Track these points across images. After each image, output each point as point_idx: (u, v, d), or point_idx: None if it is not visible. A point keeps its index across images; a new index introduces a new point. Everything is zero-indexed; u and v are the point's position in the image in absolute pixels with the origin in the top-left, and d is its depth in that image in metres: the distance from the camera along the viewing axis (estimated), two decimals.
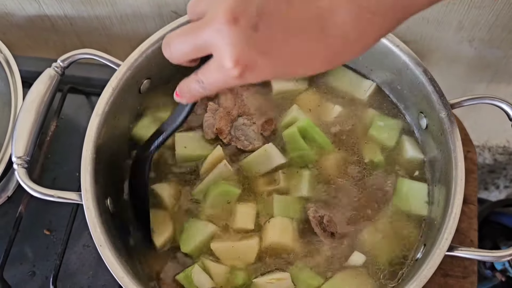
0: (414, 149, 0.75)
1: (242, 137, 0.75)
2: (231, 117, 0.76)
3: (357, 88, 0.80)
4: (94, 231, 0.61)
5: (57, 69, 0.71)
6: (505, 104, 0.66)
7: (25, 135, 0.66)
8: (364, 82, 0.80)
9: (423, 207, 0.71)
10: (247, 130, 0.75)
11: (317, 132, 0.74)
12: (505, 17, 0.89)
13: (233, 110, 0.76)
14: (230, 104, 0.76)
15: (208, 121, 0.75)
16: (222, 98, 0.77)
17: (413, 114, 0.77)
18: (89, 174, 0.64)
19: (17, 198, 0.82)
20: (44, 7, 0.97)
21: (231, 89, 0.78)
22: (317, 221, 0.68)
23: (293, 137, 0.73)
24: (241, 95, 0.78)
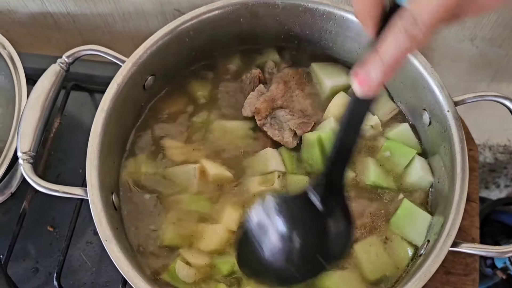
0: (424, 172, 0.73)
1: (276, 126, 0.76)
2: (274, 105, 0.77)
3: (381, 107, 0.79)
4: (99, 225, 0.61)
5: (62, 65, 0.71)
6: (509, 101, 0.66)
7: (30, 131, 0.66)
8: (389, 104, 0.80)
9: (419, 238, 0.68)
10: (283, 122, 0.76)
11: None
12: (507, 15, 0.89)
13: (279, 100, 0.77)
14: (279, 93, 0.77)
15: (251, 99, 0.77)
16: (273, 86, 0.78)
17: (416, 111, 0.77)
18: (95, 169, 0.64)
19: (20, 195, 0.81)
20: (47, 4, 0.97)
21: (286, 80, 0.79)
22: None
23: (310, 142, 0.73)
24: (293, 91, 0.79)
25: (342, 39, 0.79)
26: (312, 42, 0.82)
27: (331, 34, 0.78)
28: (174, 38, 0.73)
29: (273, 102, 0.76)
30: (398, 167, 0.74)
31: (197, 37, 0.76)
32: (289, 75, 0.80)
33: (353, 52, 0.80)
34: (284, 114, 0.76)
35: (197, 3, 0.92)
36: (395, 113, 0.79)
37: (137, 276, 0.58)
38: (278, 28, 0.80)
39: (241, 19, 0.76)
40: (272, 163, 0.74)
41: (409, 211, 0.69)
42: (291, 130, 0.75)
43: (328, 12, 0.74)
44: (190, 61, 0.80)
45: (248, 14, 0.75)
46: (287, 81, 0.79)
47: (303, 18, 0.77)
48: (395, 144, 0.75)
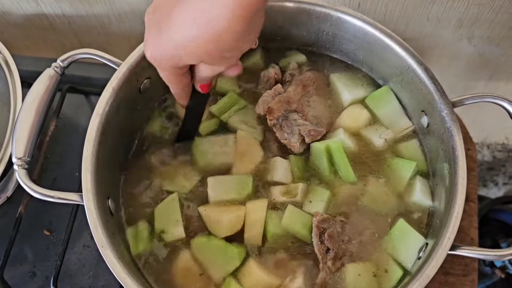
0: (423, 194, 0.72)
1: (286, 129, 0.74)
2: (288, 107, 0.75)
3: (396, 123, 0.78)
4: (95, 231, 0.61)
5: (57, 69, 0.71)
6: (507, 102, 0.66)
7: (25, 136, 0.66)
8: (405, 121, 0.78)
9: (410, 260, 0.67)
10: (294, 126, 0.74)
11: (344, 160, 0.72)
12: (505, 14, 0.89)
13: (294, 103, 0.76)
14: (296, 96, 0.76)
15: (266, 97, 0.76)
16: (292, 87, 0.77)
17: (414, 112, 0.76)
18: (90, 174, 0.63)
19: (17, 199, 0.81)
20: (42, 6, 0.96)
21: (305, 84, 0.78)
22: (319, 231, 0.67)
23: (319, 152, 0.73)
24: (311, 96, 0.78)
25: (339, 40, 0.78)
26: (309, 44, 0.81)
27: (328, 35, 0.78)
28: None
29: (288, 104, 0.75)
30: (400, 184, 0.73)
31: None
32: (310, 79, 0.79)
33: (350, 53, 0.80)
34: (297, 118, 0.75)
35: None
36: (409, 131, 0.78)
37: (134, 283, 0.58)
38: (275, 30, 0.79)
39: None
40: (278, 172, 0.73)
41: (402, 231, 0.68)
42: (300, 135, 0.74)
43: (325, 14, 0.74)
44: None
45: None
46: (306, 85, 0.78)
47: (299, 19, 0.76)
48: (398, 160, 0.74)
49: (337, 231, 0.68)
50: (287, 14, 0.76)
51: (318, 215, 0.68)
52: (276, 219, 0.70)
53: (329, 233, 0.67)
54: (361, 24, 0.72)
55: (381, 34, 0.71)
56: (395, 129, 0.77)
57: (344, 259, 0.68)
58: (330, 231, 0.67)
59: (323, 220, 0.68)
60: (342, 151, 0.72)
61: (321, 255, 0.66)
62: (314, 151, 0.74)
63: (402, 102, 0.79)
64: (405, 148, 0.76)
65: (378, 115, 0.78)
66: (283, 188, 0.72)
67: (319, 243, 0.66)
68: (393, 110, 0.78)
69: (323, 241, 0.66)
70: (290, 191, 0.72)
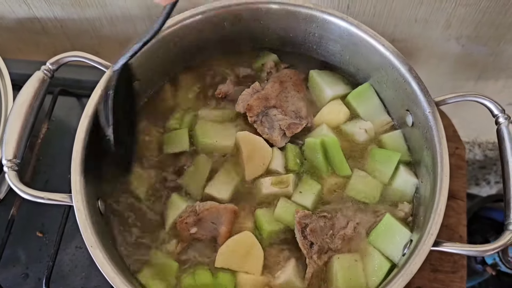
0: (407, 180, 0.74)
1: (266, 124, 0.76)
2: (267, 103, 0.77)
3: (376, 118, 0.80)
4: (85, 232, 0.61)
5: (46, 72, 0.71)
6: (488, 100, 0.67)
7: (15, 138, 0.66)
8: (384, 117, 0.80)
9: (397, 254, 0.67)
10: (274, 121, 0.76)
11: (339, 154, 0.74)
12: (492, 14, 0.90)
13: (273, 99, 0.77)
14: (273, 93, 0.78)
15: (245, 95, 0.78)
16: (269, 84, 0.79)
17: (399, 111, 0.77)
18: (79, 176, 0.64)
19: (9, 201, 0.82)
20: (34, 10, 0.97)
21: (282, 80, 0.79)
22: (301, 227, 0.68)
23: (313, 147, 0.74)
24: (289, 92, 0.79)
25: (325, 42, 0.79)
26: (296, 45, 0.82)
27: (315, 36, 0.79)
28: (158, 43, 0.74)
29: (266, 100, 0.77)
30: (384, 175, 0.74)
31: (182, 41, 0.77)
32: (287, 76, 0.80)
33: (336, 54, 0.81)
34: (277, 113, 0.77)
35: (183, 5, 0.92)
36: (389, 126, 0.80)
37: (122, 282, 0.59)
38: (262, 31, 0.80)
39: (225, 23, 0.77)
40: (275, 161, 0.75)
41: (389, 226, 0.69)
42: (281, 129, 0.76)
43: (311, 15, 0.75)
44: (175, 65, 0.81)
45: (232, 17, 0.76)
46: (283, 81, 0.79)
47: (286, 21, 0.77)
48: (381, 150, 0.76)
49: (320, 225, 0.69)
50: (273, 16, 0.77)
51: (299, 211, 0.69)
52: (268, 216, 0.71)
53: (311, 227, 0.68)
54: (346, 25, 0.73)
55: (366, 35, 0.72)
56: (376, 123, 0.79)
57: (330, 252, 0.69)
58: (312, 226, 0.68)
59: (305, 216, 0.69)
60: (337, 146, 0.74)
61: (305, 249, 0.67)
62: (308, 146, 0.75)
63: (387, 101, 0.80)
64: (388, 138, 0.78)
65: (359, 112, 0.79)
66: (274, 179, 0.73)
67: (302, 238, 0.68)
68: (373, 106, 0.80)
69: (306, 236, 0.67)
70: (283, 181, 0.73)
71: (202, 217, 0.70)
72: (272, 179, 0.73)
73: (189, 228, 0.70)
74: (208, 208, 0.70)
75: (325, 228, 0.69)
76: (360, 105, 0.80)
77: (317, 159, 0.74)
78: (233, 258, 0.68)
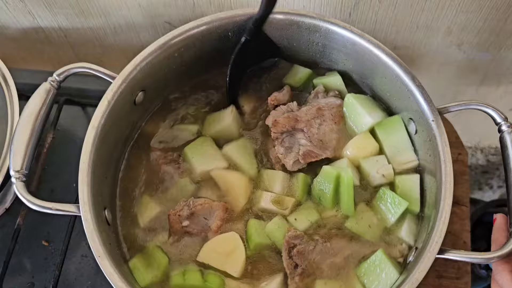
0: (408, 234, 0.71)
1: (286, 143, 0.75)
2: (296, 125, 0.75)
3: (399, 155, 0.75)
4: (92, 242, 0.62)
5: (53, 83, 0.72)
6: (491, 109, 0.68)
7: (22, 149, 0.67)
8: (409, 154, 0.75)
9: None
10: (295, 144, 0.74)
11: (350, 194, 0.71)
12: (493, 21, 0.90)
13: (303, 122, 0.75)
14: (306, 116, 0.76)
15: (278, 111, 0.77)
16: (306, 107, 0.77)
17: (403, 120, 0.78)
18: (87, 186, 0.65)
19: (15, 211, 0.83)
20: (38, 20, 0.98)
21: (320, 107, 0.77)
22: (289, 246, 0.67)
23: (328, 176, 0.72)
24: (325, 120, 0.77)
25: (328, 51, 0.80)
26: (300, 54, 0.83)
27: (318, 46, 0.79)
28: (163, 54, 0.74)
29: (295, 121, 0.75)
30: (388, 220, 0.72)
31: (186, 51, 0.77)
32: (329, 105, 0.78)
33: (339, 63, 0.81)
34: (302, 137, 0.75)
35: (187, 15, 0.94)
36: (410, 166, 0.75)
37: None
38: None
39: (229, 33, 0.77)
40: (277, 185, 0.74)
41: (379, 262, 0.68)
42: (297, 154, 0.74)
43: (314, 25, 0.75)
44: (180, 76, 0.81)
45: (236, 28, 0.76)
46: (321, 108, 0.77)
47: (290, 31, 0.78)
48: (391, 194, 0.72)
49: (309, 249, 0.68)
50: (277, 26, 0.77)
51: (291, 230, 0.68)
52: (260, 229, 0.71)
53: (299, 249, 0.67)
54: (350, 35, 0.74)
55: (369, 44, 0.73)
56: (397, 160, 0.75)
57: (313, 277, 0.68)
58: (300, 247, 0.67)
59: (295, 236, 0.68)
60: (351, 185, 0.70)
61: (289, 269, 0.67)
62: (323, 174, 0.72)
63: (391, 109, 0.80)
64: (404, 181, 0.74)
65: (384, 143, 0.76)
66: (276, 197, 0.73)
67: (288, 258, 0.67)
68: (400, 140, 0.76)
69: (291, 256, 0.67)
70: (282, 202, 0.73)
71: (195, 211, 0.71)
72: (274, 196, 0.73)
73: (181, 220, 0.71)
74: (202, 203, 0.71)
75: (313, 252, 0.68)
76: (386, 136, 0.76)
77: (326, 188, 0.72)
78: (215, 255, 0.69)
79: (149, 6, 0.92)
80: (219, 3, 0.89)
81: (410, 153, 0.75)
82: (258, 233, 0.71)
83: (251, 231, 0.71)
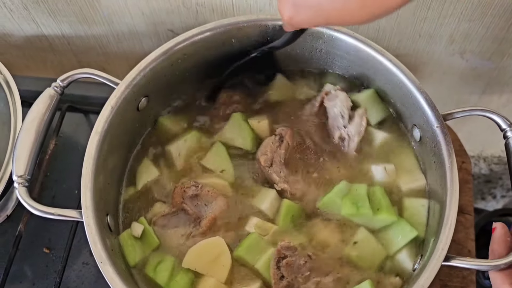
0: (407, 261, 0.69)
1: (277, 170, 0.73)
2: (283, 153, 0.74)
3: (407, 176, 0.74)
4: (94, 247, 0.61)
5: (56, 88, 0.72)
6: (496, 115, 0.67)
7: (25, 154, 0.67)
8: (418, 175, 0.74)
9: None
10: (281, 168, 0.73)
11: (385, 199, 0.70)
12: (495, 29, 0.91)
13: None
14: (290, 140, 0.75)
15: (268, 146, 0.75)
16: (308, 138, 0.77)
17: (407, 126, 0.78)
18: (90, 191, 0.64)
19: (16, 217, 0.82)
20: (42, 28, 0.98)
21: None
22: (279, 256, 0.66)
23: (331, 205, 0.71)
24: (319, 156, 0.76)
25: (332, 57, 0.80)
26: (303, 60, 0.83)
27: (322, 52, 0.80)
28: (167, 60, 0.75)
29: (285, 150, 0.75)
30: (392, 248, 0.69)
31: (190, 58, 0.77)
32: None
33: (343, 69, 0.81)
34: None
35: (190, 23, 0.94)
36: (419, 185, 0.74)
37: None
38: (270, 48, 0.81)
39: (233, 40, 0.78)
40: (264, 204, 0.73)
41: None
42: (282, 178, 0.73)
43: (318, 31, 0.75)
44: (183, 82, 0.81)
45: (239, 34, 0.77)
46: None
47: None
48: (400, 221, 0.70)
49: (299, 263, 0.66)
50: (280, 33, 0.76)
51: (285, 240, 0.67)
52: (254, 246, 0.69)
53: (288, 261, 0.65)
54: (353, 41, 0.74)
55: (373, 51, 0.73)
56: (406, 178, 0.74)
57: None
58: (290, 260, 0.65)
59: (288, 248, 0.66)
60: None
61: (274, 279, 0.65)
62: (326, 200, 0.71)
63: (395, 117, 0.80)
64: (410, 204, 0.72)
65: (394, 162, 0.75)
66: (260, 223, 0.71)
67: (275, 268, 0.65)
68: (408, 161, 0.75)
69: (279, 267, 0.65)
70: (265, 229, 0.71)
71: (200, 194, 0.71)
72: (258, 222, 0.71)
73: (184, 196, 0.71)
74: (209, 190, 0.72)
75: (303, 268, 0.66)
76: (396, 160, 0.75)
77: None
78: (201, 261, 0.68)
79: (152, 14, 0.92)
80: (222, 10, 0.90)
81: (419, 175, 0.74)
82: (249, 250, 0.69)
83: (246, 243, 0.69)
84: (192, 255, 0.69)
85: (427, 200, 0.72)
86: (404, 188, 0.73)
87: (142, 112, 0.77)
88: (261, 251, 0.68)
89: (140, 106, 0.76)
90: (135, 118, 0.77)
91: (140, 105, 0.76)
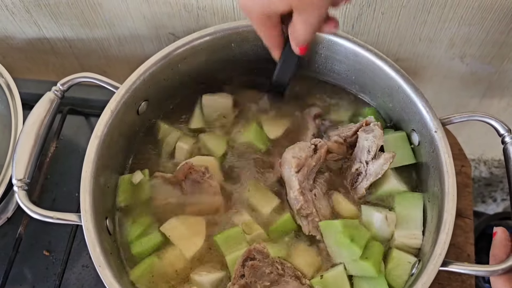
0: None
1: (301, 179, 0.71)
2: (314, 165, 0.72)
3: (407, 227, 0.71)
4: (93, 251, 0.62)
5: (57, 92, 0.73)
6: (494, 120, 0.67)
7: (25, 158, 0.67)
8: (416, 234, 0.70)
9: None
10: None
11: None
12: (495, 33, 0.91)
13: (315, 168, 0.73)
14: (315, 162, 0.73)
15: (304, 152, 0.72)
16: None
17: (406, 131, 0.78)
18: (89, 195, 0.65)
19: (16, 220, 0.83)
20: (44, 31, 0.99)
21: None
22: (248, 255, 0.64)
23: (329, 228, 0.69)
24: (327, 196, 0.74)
25: (331, 62, 0.80)
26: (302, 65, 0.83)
27: (321, 56, 0.80)
28: (167, 64, 0.75)
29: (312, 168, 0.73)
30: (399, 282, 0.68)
31: (190, 62, 0.78)
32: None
33: (342, 74, 0.82)
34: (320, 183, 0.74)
35: (191, 26, 0.94)
36: (414, 244, 0.70)
37: None
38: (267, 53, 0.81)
39: (232, 44, 0.78)
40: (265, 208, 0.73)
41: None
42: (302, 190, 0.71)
43: (317, 36, 0.76)
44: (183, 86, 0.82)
45: (239, 39, 0.77)
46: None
47: None
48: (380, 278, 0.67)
49: (263, 270, 0.64)
50: None
51: (261, 243, 0.66)
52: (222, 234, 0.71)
53: (254, 264, 0.64)
54: (352, 46, 0.74)
55: (372, 55, 0.73)
56: (404, 232, 0.71)
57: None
58: (256, 263, 0.64)
59: (260, 251, 0.65)
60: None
61: (234, 275, 0.64)
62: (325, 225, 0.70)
63: (393, 121, 0.80)
64: (398, 255, 0.68)
65: (397, 214, 0.73)
66: (250, 221, 0.71)
67: (240, 264, 0.64)
68: (414, 217, 0.72)
69: (244, 265, 0.64)
70: (251, 227, 0.71)
71: (202, 183, 0.72)
72: (249, 221, 0.72)
73: (187, 176, 0.72)
74: (212, 186, 0.73)
75: (265, 277, 0.64)
76: (402, 209, 0.73)
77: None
78: (178, 231, 0.71)
79: (154, 18, 0.93)
80: (223, 14, 0.90)
81: (418, 231, 0.70)
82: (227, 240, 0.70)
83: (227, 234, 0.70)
84: (172, 223, 0.71)
85: (416, 259, 0.68)
86: (398, 241, 0.70)
87: (141, 116, 0.77)
88: (237, 246, 0.69)
89: (140, 110, 0.76)
90: (135, 122, 0.77)
91: (140, 109, 0.76)
